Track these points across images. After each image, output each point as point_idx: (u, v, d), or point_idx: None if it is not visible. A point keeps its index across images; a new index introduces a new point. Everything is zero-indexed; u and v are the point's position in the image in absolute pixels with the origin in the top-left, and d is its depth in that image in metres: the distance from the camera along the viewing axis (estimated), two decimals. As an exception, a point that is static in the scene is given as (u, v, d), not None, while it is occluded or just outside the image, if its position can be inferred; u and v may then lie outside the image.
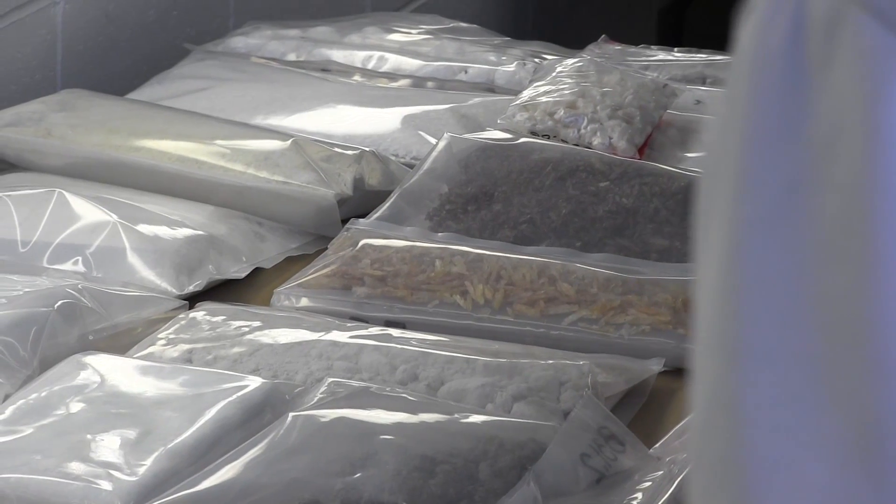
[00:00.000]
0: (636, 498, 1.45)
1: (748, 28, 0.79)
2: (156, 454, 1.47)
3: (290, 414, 1.49)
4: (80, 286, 1.69)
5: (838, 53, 0.74)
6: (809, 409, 0.80)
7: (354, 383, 1.56)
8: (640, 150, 1.98)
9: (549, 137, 1.97)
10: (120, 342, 1.65)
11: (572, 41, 2.19)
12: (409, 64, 2.15)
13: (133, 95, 2.05)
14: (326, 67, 2.15)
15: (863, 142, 0.73)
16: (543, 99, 2.01)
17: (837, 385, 0.79)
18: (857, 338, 0.77)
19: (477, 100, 2.07)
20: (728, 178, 0.80)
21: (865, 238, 0.75)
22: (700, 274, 0.82)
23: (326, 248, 1.79)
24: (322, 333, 1.65)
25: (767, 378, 0.80)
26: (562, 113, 1.98)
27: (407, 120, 2.02)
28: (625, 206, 1.84)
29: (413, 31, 2.21)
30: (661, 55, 2.21)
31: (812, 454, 0.80)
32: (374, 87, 2.11)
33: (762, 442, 0.80)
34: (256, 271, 1.80)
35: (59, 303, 1.65)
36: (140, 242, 1.77)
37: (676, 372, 1.63)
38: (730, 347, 0.80)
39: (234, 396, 1.54)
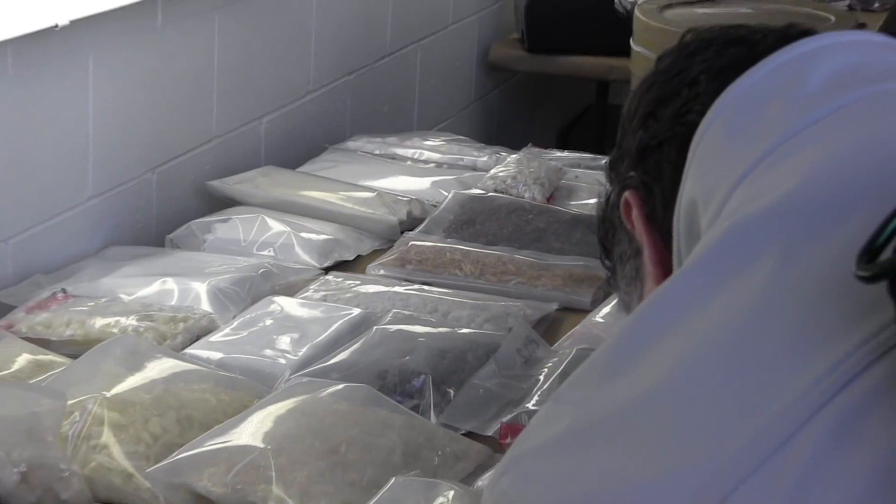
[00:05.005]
0: (544, 370, 1.43)
1: None
2: (307, 345, 1.45)
3: (375, 327, 1.47)
4: (271, 263, 1.67)
5: None
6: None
7: (406, 312, 1.53)
8: (548, 200, 1.95)
9: (503, 193, 1.93)
10: (291, 291, 1.62)
11: (515, 146, 2.19)
12: (434, 156, 2.12)
13: (300, 170, 2.03)
14: (394, 157, 2.12)
15: None
16: (500, 174, 1.98)
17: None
18: None
19: (468, 174, 2.04)
20: None
21: None
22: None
23: (392, 246, 1.76)
24: (390, 288, 1.62)
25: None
26: (509, 181, 1.96)
27: (434, 183, 1.99)
28: (540, 227, 1.82)
29: (436, 140, 2.19)
30: (557, 153, 2.18)
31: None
32: (417, 167, 2.08)
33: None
34: (359, 256, 1.77)
35: (261, 270, 1.63)
36: (302, 242, 1.74)
37: (563, 310, 1.61)
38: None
39: (347, 317, 1.52)
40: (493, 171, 2.00)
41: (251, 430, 1.20)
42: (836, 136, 0.66)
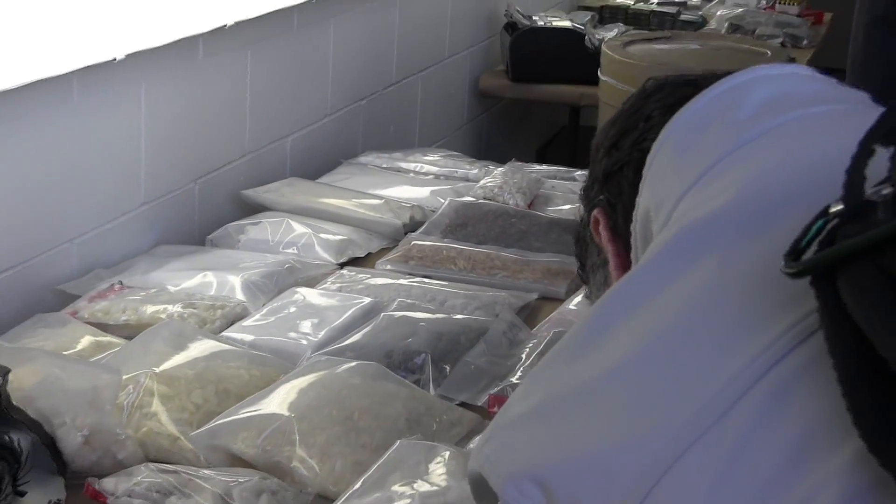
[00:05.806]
0: (526, 350, 1.42)
1: None
2: (326, 329, 1.44)
3: (382, 314, 1.46)
4: (295, 259, 1.66)
5: None
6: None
7: (409, 301, 1.52)
8: (529, 206, 1.94)
9: (491, 200, 1.92)
10: (312, 283, 1.61)
11: (501, 160, 2.19)
12: (433, 169, 2.11)
13: (319, 181, 2.01)
14: (399, 170, 2.11)
15: None
16: (489, 184, 1.98)
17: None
18: None
19: (461, 184, 2.03)
20: None
21: None
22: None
23: (397, 245, 1.75)
24: (395, 280, 1.61)
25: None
26: (496, 190, 1.95)
27: (432, 192, 1.98)
28: (522, 229, 1.82)
29: (435, 155, 2.18)
30: (536, 167, 2.18)
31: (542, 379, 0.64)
32: (418, 178, 2.07)
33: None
34: (369, 253, 1.76)
35: (286, 266, 1.62)
36: (321, 242, 1.73)
37: (542, 299, 1.61)
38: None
39: (359, 305, 1.51)
40: (482, 182, 2.00)
41: (278, 401, 1.20)
42: (767, 153, 0.67)
